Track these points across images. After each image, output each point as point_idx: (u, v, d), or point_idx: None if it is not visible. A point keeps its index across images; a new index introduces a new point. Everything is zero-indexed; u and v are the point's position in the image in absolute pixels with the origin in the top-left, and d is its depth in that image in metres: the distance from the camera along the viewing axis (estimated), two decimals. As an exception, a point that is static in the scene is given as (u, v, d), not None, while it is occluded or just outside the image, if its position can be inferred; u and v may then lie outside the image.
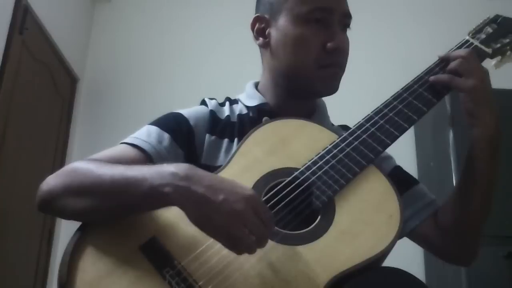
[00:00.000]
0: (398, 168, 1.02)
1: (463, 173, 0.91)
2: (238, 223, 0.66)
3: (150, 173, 0.70)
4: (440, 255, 0.98)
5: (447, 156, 2.46)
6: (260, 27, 1.00)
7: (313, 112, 1.02)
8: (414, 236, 0.96)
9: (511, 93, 2.33)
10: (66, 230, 2.56)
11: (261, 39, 1.00)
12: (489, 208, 0.90)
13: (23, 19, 2.33)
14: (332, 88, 0.96)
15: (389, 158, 1.03)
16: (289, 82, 0.97)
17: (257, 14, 1.01)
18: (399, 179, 0.88)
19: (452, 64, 0.89)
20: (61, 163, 2.68)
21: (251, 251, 0.67)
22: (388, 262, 0.77)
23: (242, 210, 0.66)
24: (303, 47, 0.92)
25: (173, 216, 0.74)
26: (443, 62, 0.92)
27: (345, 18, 0.96)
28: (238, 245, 0.67)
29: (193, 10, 3.19)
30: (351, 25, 0.99)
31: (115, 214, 0.74)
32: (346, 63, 0.96)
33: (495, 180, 0.89)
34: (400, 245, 0.78)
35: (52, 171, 0.79)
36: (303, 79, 0.94)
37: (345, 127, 1.03)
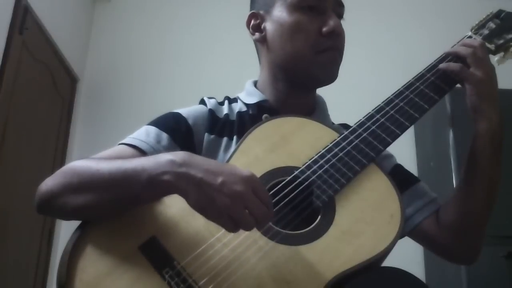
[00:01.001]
0: (399, 167, 1.02)
1: (465, 169, 0.91)
2: (239, 203, 0.66)
3: (148, 163, 0.70)
4: (442, 254, 0.97)
5: (447, 156, 2.46)
6: (256, 23, 1.01)
7: (313, 109, 1.02)
8: (415, 235, 0.96)
9: (511, 93, 2.33)
10: (66, 230, 2.56)
11: (257, 34, 1.00)
12: (492, 206, 0.90)
13: (23, 19, 2.33)
14: (331, 74, 0.95)
15: (390, 156, 1.03)
16: (288, 73, 0.97)
17: (252, 11, 1.02)
18: (400, 178, 0.88)
19: (463, 51, 0.89)
20: (61, 163, 2.68)
21: (250, 228, 0.68)
22: (388, 262, 0.77)
23: (242, 190, 0.66)
24: (299, 34, 0.93)
25: (172, 216, 0.74)
26: (447, 57, 0.92)
27: (338, 7, 0.97)
28: (239, 225, 0.67)
29: (193, 10, 3.19)
30: (351, 24, 0.99)
31: (116, 208, 0.73)
32: (343, 48, 0.97)
33: (497, 177, 0.89)
34: (400, 245, 0.78)
35: (52, 171, 0.79)
36: (301, 66, 0.94)
37: (345, 126, 1.03)
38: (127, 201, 0.73)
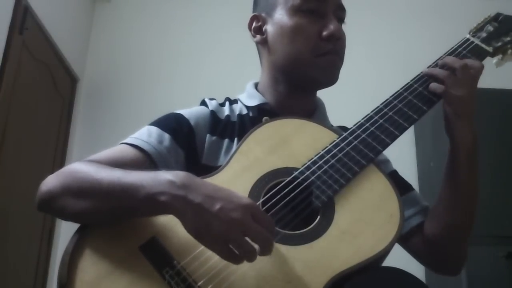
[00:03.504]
0: (395, 173, 1.03)
1: (444, 184, 0.91)
2: (237, 231, 0.65)
3: (147, 180, 0.70)
4: (426, 265, 0.98)
5: (447, 156, 2.45)
6: (257, 26, 1.01)
7: (313, 111, 1.02)
8: (403, 243, 0.96)
9: (511, 93, 2.33)
10: (66, 230, 2.56)
11: (258, 36, 1.01)
12: (472, 218, 0.90)
13: (23, 19, 2.33)
14: (331, 77, 0.96)
15: (387, 161, 1.03)
16: (288, 75, 0.97)
17: (254, 13, 1.03)
18: (396, 184, 0.88)
19: (440, 75, 0.88)
20: (61, 163, 2.68)
21: (251, 258, 0.66)
22: (388, 262, 0.77)
23: (240, 218, 0.65)
24: (299, 36, 0.93)
25: (172, 216, 0.74)
26: (424, 78, 0.91)
27: (339, 10, 0.97)
28: (237, 255, 0.65)
29: (193, 10, 3.19)
30: (351, 24, 0.99)
31: (113, 218, 0.74)
32: (343, 52, 0.97)
33: (475, 191, 0.89)
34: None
35: (52, 171, 0.79)
36: (301, 69, 0.94)
37: (344, 128, 1.03)
38: (124, 214, 0.73)
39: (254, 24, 1.02)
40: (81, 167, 0.78)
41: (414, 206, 0.97)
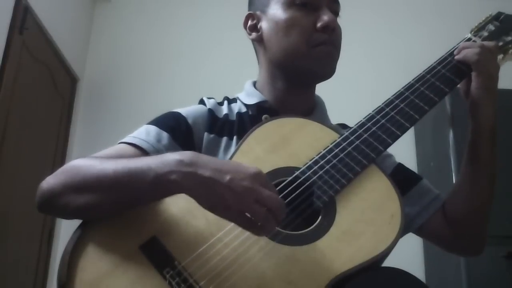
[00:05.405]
0: (401, 166, 1.03)
1: (468, 163, 0.94)
2: (250, 199, 0.66)
3: (154, 162, 0.70)
4: (450, 248, 1.00)
5: (447, 156, 2.46)
6: (252, 23, 1.02)
7: (313, 109, 1.02)
8: (423, 232, 0.98)
9: (511, 93, 2.33)
10: (66, 230, 2.56)
11: (254, 34, 1.02)
12: (493, 195, 0.93)
13: (23, 19, 2.33)
14: (328, 68, 0.96)
15: (390, 156, 1.04)
16: (286, 70, 0.97)
17: (248, 12, 1.04)
18: (404, 177, 0.88)
19: (470, 52, 0.91)
20: (61, 163, 2.67)
21: (270, 225, 0.67)
22: (388, 262, 0.77)
23: (250, 186, 0.66)
24: (294, 29, 0.94)
25: (173, 215, 0.74)
26: (452, 56, 0.93)
27: (333, 3, 0.98)
28: (255, 221, 0.67)
29: (193, 10, 3.19)
30: (351, 23, 0.99)
31: (119, 208, 0.73)
32: (339, 43, 0.98)
33: (496, 168, 0.92)
34: (400, 245, 0.78)
35: (52, 171, 0.79)
36: (298, 62, 0.94)
37: (343, 126, 1.04)
38: (131, 200, 0.72)
39: (249, 23, 1.03)
40: (83, 162, 0.77)
41: (426, 196, 0.98)
